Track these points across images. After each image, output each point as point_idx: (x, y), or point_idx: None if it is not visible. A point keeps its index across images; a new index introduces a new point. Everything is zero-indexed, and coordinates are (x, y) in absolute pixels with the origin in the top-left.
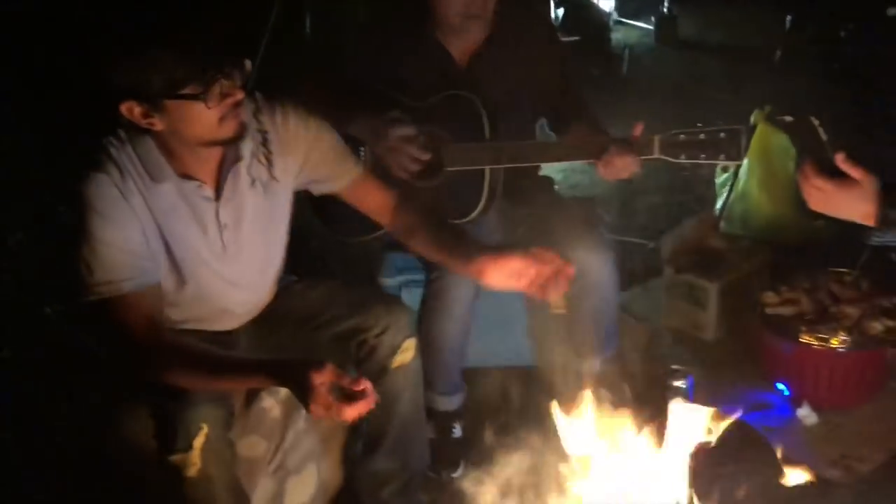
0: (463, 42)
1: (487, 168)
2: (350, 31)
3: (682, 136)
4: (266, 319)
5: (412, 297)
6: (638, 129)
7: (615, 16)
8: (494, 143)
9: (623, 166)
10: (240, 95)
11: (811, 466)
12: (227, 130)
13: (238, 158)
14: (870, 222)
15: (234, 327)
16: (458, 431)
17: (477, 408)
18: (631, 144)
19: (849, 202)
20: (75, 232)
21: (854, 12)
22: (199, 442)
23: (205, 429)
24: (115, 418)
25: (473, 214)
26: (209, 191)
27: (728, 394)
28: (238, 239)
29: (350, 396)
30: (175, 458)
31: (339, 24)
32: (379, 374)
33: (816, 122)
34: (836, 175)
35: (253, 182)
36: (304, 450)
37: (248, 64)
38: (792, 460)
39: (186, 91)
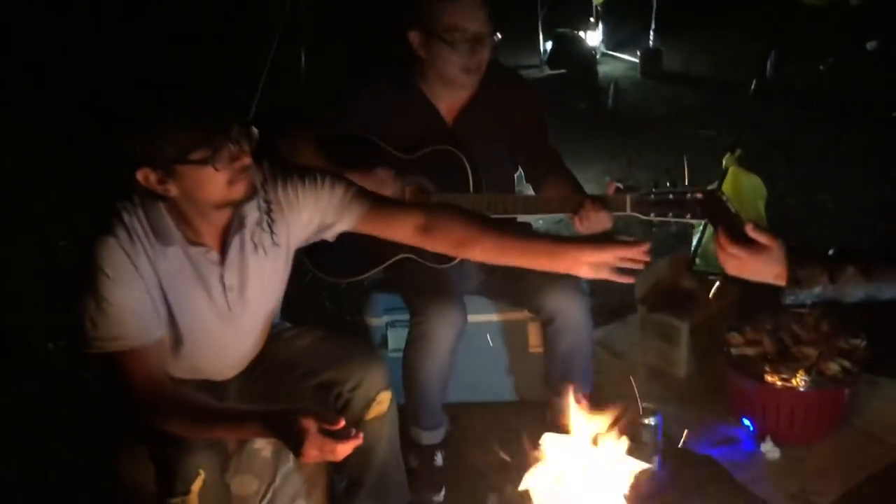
0: (450, 98)
1: None
2: (344, 83)
3: (652, 195)
4: (255, 366)
5: (398, 336)
6: (611, 188)
7: (602, 49)
8: (477, 195)
9: (597, 221)
10: (247, 160)
11: (772, 499)
12: (237, 192)
13: (242, 226)
14: (782, 282)
15: (227, 378)
16: (439, 460)
17: (458, 439)
18: (605, 201)
19: (762, 266)
20: (83, 289)
21: (834, 47)
22: (196, 486)
23: (202, 474)
24: (115, 461)
25: (455, 261)
26: (215, 255)
27: (697, 429)
28: (242, 299)
29: (335, 435)
30: (174, 501)
31: (334, 75)
32: (355, 426)
33: (725, 197)
34: (748, 242)
35: (256, 248)
36: (292, 489)
37: (254, 131)
38: (754, 492)
39: (196, 156)
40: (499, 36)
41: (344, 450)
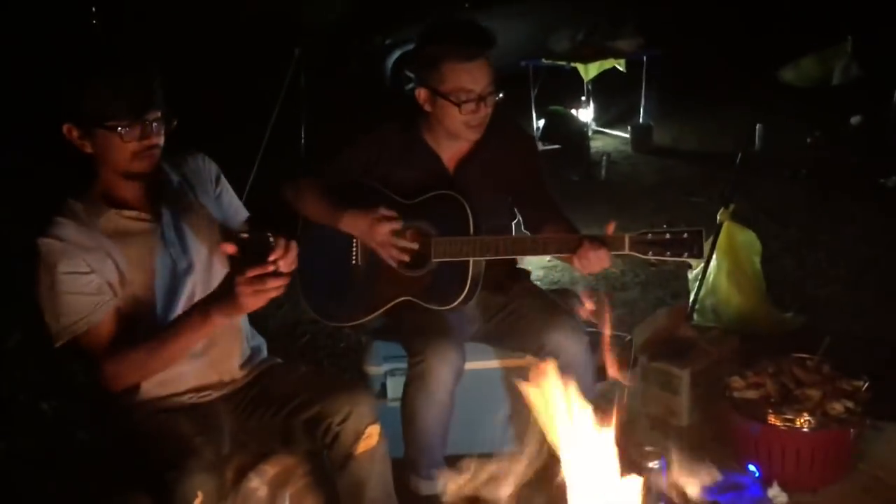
0: (452, 148)
1: (471, 260)
2: (351, 132)
3: (649, 235)
4: (248, 398)
5: (397, 384)
6: (610, 227)
7: (593, 126)
8: (478, 238)
9: (596, 260)
10: (155, 141)
11: None
12: (138, 166)
13: (165, 188)
14: None
15: (213, 380)
16: None
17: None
18: (604, 241)
19: None
20: (39, 292)
21: (820, 120)
22: None
23: (200, 496)
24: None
25: (456, 303)
26: (146, 216)
27: (703, 477)
28: (186, 256)
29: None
30: None
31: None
32: (345, 461)
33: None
34: None
35: (183, 206)
36: None
37: (174, 122)
38: None
39: (111, 123)
40: (502, 95)
41: (275, 283)
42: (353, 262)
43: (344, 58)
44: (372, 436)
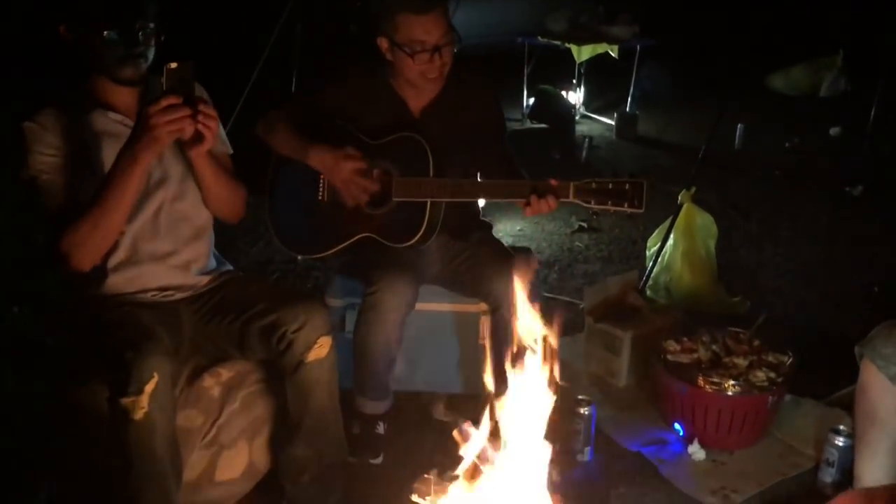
0: (417, 96)
1: (429, 202)
2: (326, 73)
3: (593, 184)
4: (209, 304)
5: (354, 318)
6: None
7: (582, 110)
8: (436, 179)
9: (544, 204)
10: (141, 49)
11: (694, 494)
12: (124, 72)
13: (147, 95)
14: None
15: (179, 286)
16: (381, 429)
17: (402, 420)
18: (551, 187)
19: None
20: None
21: (802, 128)
22: (149, 388)
23: (156, 377)
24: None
25: (413, 241)
26: (129, 121)
27: (631, 431)
28: (161, 162)
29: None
30: (126, 400)
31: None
32: (296, 367)
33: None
34: None
35: None
36: (237, 428)
37: (161, 36)
38: (678, 486)
39: (99, 27)
40: (460, 43)
41: (186, 112)
42: (320, 197)
43: (342, 17)
44: (323, 346)
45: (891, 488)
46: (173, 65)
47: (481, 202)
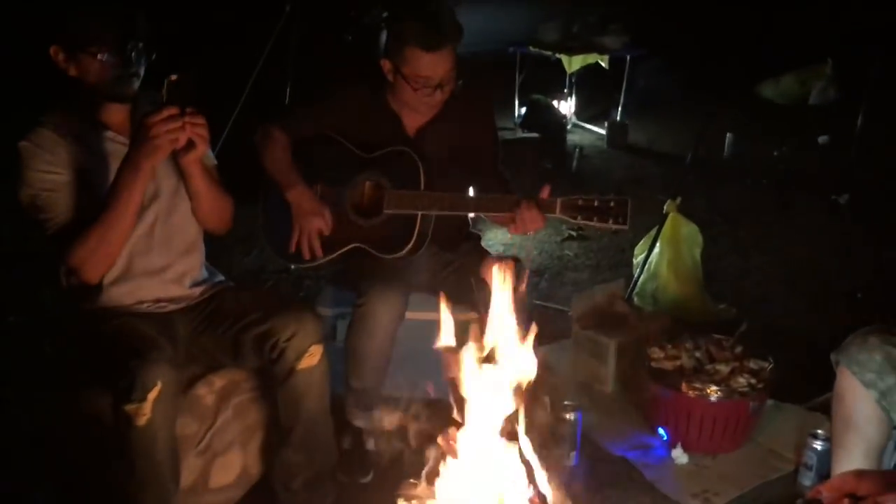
0: (414, 117)
1: (419, 214)
2: (326, 86)
3: (580, 200)
4: (203, 315)
5: (345, 327)
6: (545, 191)
7: (574, 119)
8: (426, 193)
9: (531, 220)
10: (134, 69)
11: (676, 496)
12: (117, 92)
13: (139, 113)
14: None
15: (174, 297)
16: (371, 445)
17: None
18: (538, 203)
19: None
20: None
21: (790, 136)
22: (153, 395)
23: (159, 385)
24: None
25: (403, 252)
26: (122, 138)
27: (617, 436)
28: (153, 181)
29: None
30: (129, 407)
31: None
32: (287, 375)
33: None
34: None
35: None
36: (230, 435)
37: (153, 54)
38: (661, 489)
39: (92, 49)
40: (461, 82)
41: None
42: None
43: (339, 26)
44: (314, 354)
45: (881, 472)
46: (174, 77)
47: (471, 214)
